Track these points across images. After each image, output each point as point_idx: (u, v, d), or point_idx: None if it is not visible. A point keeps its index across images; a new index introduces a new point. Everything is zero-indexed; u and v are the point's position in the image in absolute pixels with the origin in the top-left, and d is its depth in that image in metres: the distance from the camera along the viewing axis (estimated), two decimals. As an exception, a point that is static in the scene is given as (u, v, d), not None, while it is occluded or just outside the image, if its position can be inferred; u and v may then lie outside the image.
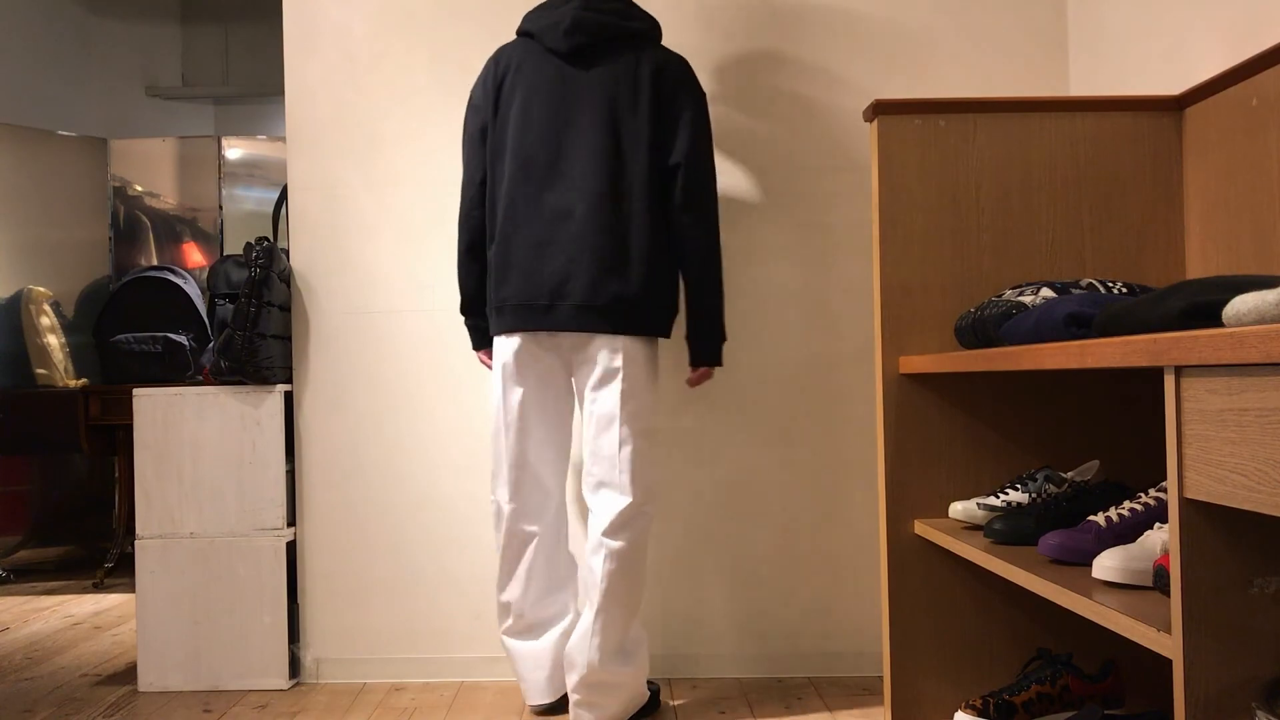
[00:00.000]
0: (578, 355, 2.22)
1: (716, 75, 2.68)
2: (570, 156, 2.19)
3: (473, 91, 2.34)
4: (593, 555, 2.19)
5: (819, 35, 2.68)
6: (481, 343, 2.40)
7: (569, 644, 2.22)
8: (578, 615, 2.32)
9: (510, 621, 2.33)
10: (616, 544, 2.18)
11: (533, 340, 2.22)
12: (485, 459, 2.64)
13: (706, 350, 2.31)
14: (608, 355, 2.18)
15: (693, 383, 2.37)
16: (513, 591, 2.31)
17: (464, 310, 2.39)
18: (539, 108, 2.23)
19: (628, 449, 2.18)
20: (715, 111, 2.67)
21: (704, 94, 2.29)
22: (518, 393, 2.25)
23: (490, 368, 2.34)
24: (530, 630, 2.33)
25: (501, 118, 2.27)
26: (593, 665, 2.17)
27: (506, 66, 2.29)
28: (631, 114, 2.20)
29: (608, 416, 2.19)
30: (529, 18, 2.32)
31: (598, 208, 2.16)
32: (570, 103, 2.21)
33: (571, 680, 2.20)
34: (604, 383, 2.19)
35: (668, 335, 2.28)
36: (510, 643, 2.35)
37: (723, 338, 2.32)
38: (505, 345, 2.25)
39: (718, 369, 2.40)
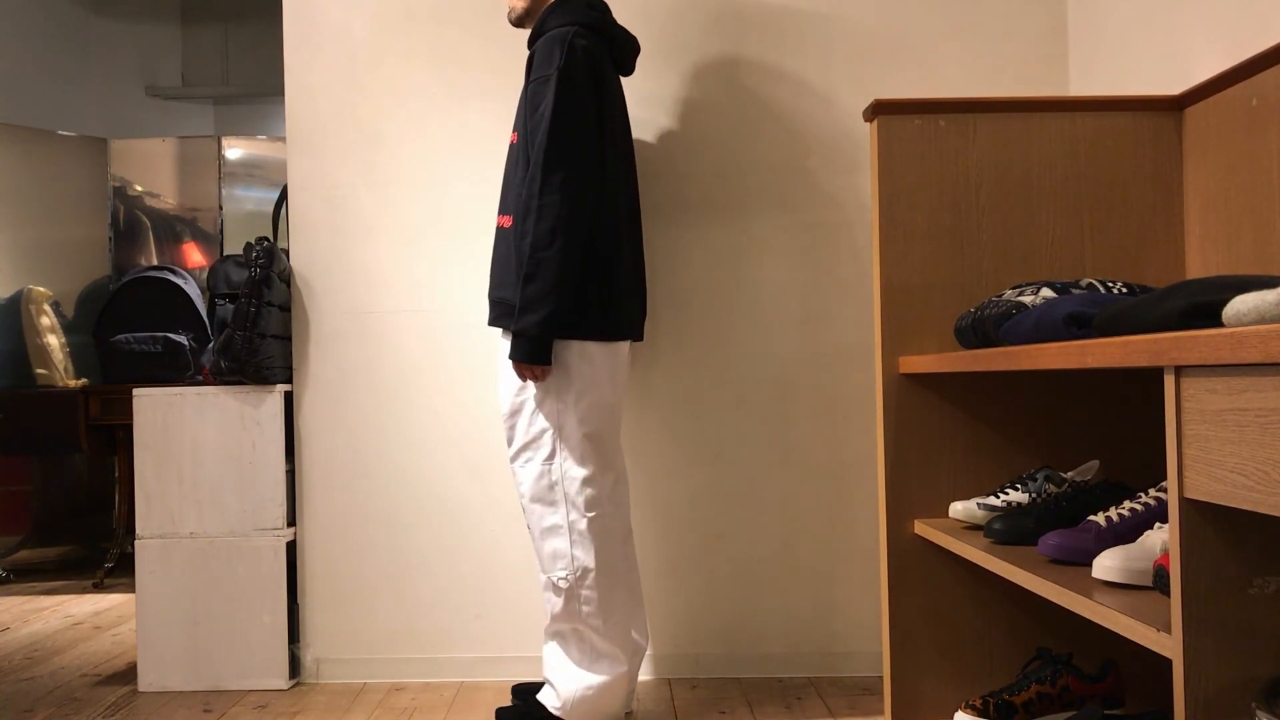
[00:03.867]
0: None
1: (719, 77, 2.68)
2: (632, 179, 2.32)
3: (581, 73, 2.07)
4: (625, 544, 2.27)
5: (819, 35, 2.68)
6: (549, 355, 2.08)
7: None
8: None
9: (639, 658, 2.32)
10: None
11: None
12: (486, 458, 2.64)
13: None
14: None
15: None
16: (636, 617, 2.30)
17: (551, 323, 2.03)
18: (624, 125, 2.30)
19: None
20: (718, 112, 2.68)
21: None
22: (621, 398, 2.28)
23: (537, 379, 2.11)
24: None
25: (602, 120, 2.13)
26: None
27: (599, 67, 2.12)
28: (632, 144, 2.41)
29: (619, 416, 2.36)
30: (594, 15, 2.18)
31: (639, 231, 2.36)
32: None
33: (636, 663, 2.31)
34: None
35: None
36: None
37: None
38: (620, 350, 2.20)
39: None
